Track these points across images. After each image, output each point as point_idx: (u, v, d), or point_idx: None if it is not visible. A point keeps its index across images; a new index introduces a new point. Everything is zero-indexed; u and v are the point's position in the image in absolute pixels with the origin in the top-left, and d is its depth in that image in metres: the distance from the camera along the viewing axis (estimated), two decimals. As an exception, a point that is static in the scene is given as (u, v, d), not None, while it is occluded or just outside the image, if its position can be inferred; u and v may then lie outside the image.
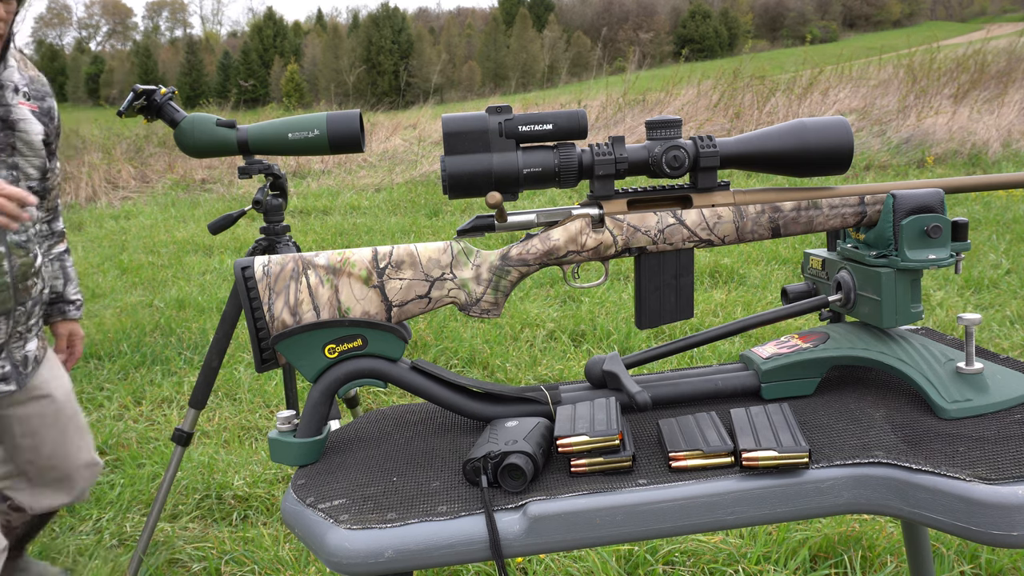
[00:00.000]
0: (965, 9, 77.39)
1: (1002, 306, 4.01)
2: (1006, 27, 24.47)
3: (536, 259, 1.11)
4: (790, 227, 1.15)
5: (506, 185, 1.07)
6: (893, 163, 8.36)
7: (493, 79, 42.01)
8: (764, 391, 1.16)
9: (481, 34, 67.50)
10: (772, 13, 76.60)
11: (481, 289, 1.11)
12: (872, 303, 1.14)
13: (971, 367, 1.09)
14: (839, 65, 11.68)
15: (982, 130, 8.78)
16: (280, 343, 1.07)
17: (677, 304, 1.15)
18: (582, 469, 0.98)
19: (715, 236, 1.13)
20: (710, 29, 65.53)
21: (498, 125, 1.06)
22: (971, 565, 2.06)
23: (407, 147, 11.51)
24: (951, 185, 1.17)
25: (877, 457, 0.96)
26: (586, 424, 1.00)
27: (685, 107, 10.53)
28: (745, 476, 0.95)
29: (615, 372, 1.14)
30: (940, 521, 0.90)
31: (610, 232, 1.11)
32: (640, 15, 72.85)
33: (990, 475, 0.90)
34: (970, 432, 1.01)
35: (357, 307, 1.09)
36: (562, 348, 3.81)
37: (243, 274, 1.07)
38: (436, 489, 0.99)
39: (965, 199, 6.28)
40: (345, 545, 0.91)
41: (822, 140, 1.11)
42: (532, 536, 0.92)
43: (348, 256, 1.10)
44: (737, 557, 2.13)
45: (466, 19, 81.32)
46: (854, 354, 1.15)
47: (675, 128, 1.10)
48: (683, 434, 1.02)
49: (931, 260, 1.10)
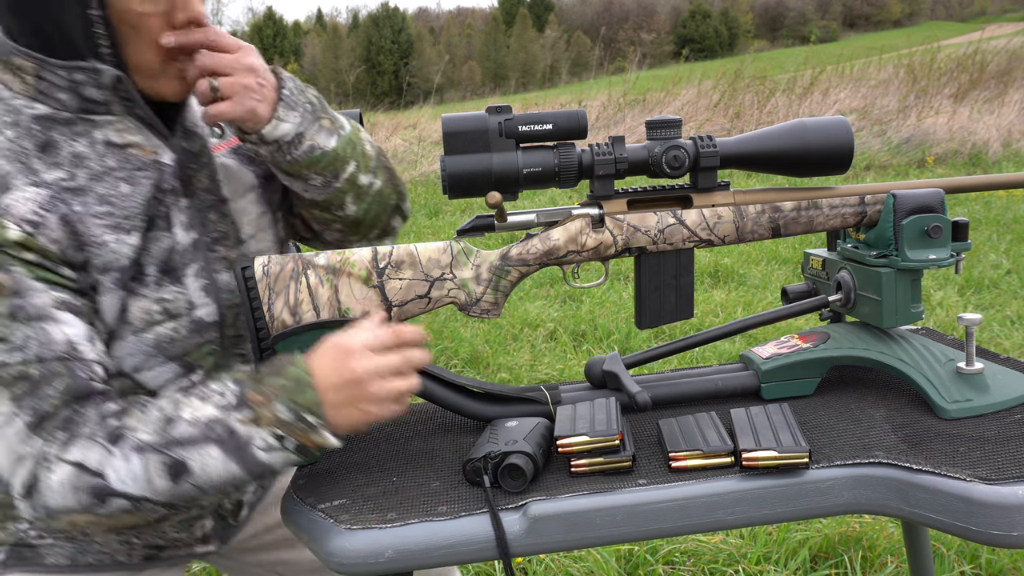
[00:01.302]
0: (965, 9, 77.43)
1: (1002, 306, 4.01)
2: (1006, 27, 24.48)
3: (536, 259, 1.11)
4: (790, 227, 1.15)
5: (506, 185, 1.07)
6: (893, 163, 8.36)
7: (493, 79, 42.07)
8: (764, 391, 1.16)
9: (481, 34, 67.56)
10: (772, 13, 76.65)
11: (481, 289, 1.11)
12: (872, 303, 1.14)
13: (971, 367, 1.09)
14: (839, 65, 11.67)
15: (982, 130, 8.78)
16: (280, 343, 1.06)
17: (677, 304, 1.15)
18: (582, 469, 0.98)
19: (715, 236, 1.13)
20: (710, 29, 65.57)
21: (498, 125, 1.06)
22: (971, 565, 2.06)
23: (407, 147, 11.50)
24: (951, 185, 1.17)
25: (877, 457, 0.96)
26: (586, 424, 1.00)
27: (685, 107, 10.53)
28: (745, 476, 0.95)
29: (615, 372, 1.14)
30: (940, 521, 0.90)
31: (610, 232, 1.11)
32: (640, 15, 72.89)
33: (990, 475, 0.90)
34: (970, 432, 1.01)
35: (357, 307, 1.09)
36: (562, 348, 3.80)
37: (243, 274, 1.07)
38: (436, 489, 0.99)
39: (965, 199, 6.28)
40: (345, 545, 0.91)
41: (822, 140, 1.11)
42: (532, 536, 0.92)
43: (348, 256, 1.09)
44: (737, 557, 2.13)
45: (466, 19, 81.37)
46: (854, 354, 1.15)
47: (675, 128, 1.10)
48: (683, 434, 1.02)
49: (931, 260, 1.10)
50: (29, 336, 0.93)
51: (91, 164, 1.00)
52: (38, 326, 0.93)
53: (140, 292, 1.03)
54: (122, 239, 1.01)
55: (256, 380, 0.97)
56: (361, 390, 0.96)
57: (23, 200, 0.94)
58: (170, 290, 1.05)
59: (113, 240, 1.00)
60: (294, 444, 0.94)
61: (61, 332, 0.95)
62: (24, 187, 0.95)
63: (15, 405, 0.92)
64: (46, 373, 0.93)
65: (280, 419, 0.94)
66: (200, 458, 0.93)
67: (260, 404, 0.94)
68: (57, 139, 0.99)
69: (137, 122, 1.03)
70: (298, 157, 1.08)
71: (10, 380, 0.92)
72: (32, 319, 0.93)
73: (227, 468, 0.94)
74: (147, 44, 1.00)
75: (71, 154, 1.00)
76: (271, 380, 0.96)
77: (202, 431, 0.93)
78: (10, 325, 0.92)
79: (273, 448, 0.94)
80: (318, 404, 0.95)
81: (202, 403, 0.95)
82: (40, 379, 0.93)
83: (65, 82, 0.98)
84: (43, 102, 0.99)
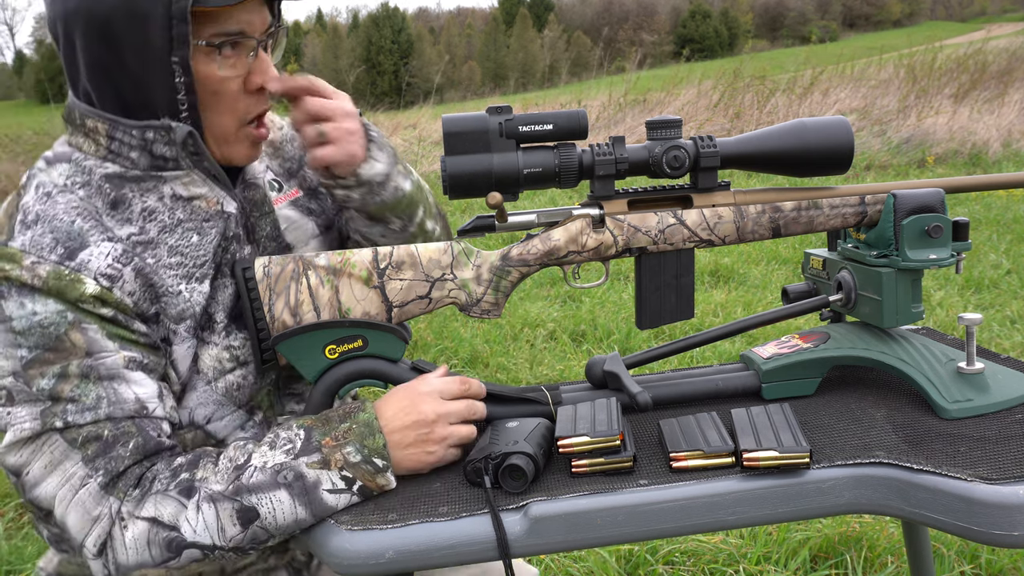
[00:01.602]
0: (965, 9, 77.42)
1: (1002, 306, 4.01)
2: (1006, 27, 24.47)
3: (537, 259, 1.11)
4: (791, 227, 1.15)
5: (506, 185, 1.07)
6: (893, 163, 8.36)
7: (493, 79, 42.06)
8: (765, 391, 1.16)
9: (481, 34, 67.53)
10: (772, 13, 76.63)
11: (482, 289, 1.11)
12: (873, 303, 1.14)
13: (972, 367, 1.09)
14: (839, 65, 11.67)
15: (982, 130, 8.78)
16: (281, 344, 1.06)
17: (678, 304, 1.15)
18: (583, 470, 0.98)
19: (716, 236, 1.13)
20: (710, 29, 65.54)
21: (498, 125, 1.06)
22: (971, 565, 2.06)
23: (407, 147, 11.50)
24: (951, 185, 1.17)
25: (878, 457, 0.96)
26: (587, 425, 1.00)
27: (685, 107, 10.52)
28: (746, 476, 0.95)
29: (616, 372, 1.14)
30: (941, 521, 0.90)
31: (611, 232, 1.11)
32: (640, 15, 72.88)
33: (991, 475, 0.90)
34: (971, 432, 1.01)
35: (357, 308, 1.09)
36: (562, 348, 3.80)
37: (243, 275, 1.07)
38: (437, 490, 0.99)
39: (965, 199, 6.28)
40: (346, 546, 0.91)
41: (823, 140, 1.11)
42: (533, 537, 0.92)
43: (348, 257, 1.09)
44: (737, 557, 2.13)
45: (466, 19, 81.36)
46: (855, 354, 1.15)
47: (675, 128, 1.10)
48: (684, 434, 1.02)
49: (932, 260, 1.10)
50: (100, 396, 0.96)
51: (161, 217, 1.03)
52: (109, 386, 0.96)
53: (211, 340, 1.06)
54: (194, 288, 1.04)
55: (325, 422, 1.00)
56: (429, 431, 1.00)
57: (99, 256, 0.97)
58: (237, 336, 1.08)
59: (186, 289, 1.03)
60: (359, 486, 0.96)
61: (131, 392, 0.97)
62: (100, 242, 0.98)
63: (88, 467, 0.95)
64: (117, 433, 0.96)
65: (349, 462, 0.96)
66: (269, 503, 0.95)
67: (331, 447, 0.97)
68: (128, 195, 1.02)
69: (203, 175, 1.05)
70: (386, 198, 1.14)
71: (82, 441, 0.95)
72: (103, 379, 0.96)
73: (294, 512, 0.95)
74: (226, 108, 1.04)
75: (142, 209, 1.02)
76: (342, 425, 0.99)
77: (271, 477, 0.95)
78: (82, 385, 0.95)
79: (339, 491, 0.96)
80: (386, 447, 0.98)
81: (271, 450, 0.97)
82: (111, 439, 0.95)
83: (137, 141, 1.01)
84: (114, 161, 1.02)
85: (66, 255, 0.95)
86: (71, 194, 1.00)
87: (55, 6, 0.99)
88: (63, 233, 0.97)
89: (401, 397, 1.02)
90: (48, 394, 0.94)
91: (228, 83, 1.02)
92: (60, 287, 0.94)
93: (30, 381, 0.94)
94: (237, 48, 1.02)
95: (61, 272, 0.94)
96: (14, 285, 0.94)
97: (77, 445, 0.95)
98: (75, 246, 0.96)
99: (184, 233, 1.04)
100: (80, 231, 0.97)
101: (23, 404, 0.94)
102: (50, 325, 0.94)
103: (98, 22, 0.95)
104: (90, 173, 1.01)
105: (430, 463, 1.01)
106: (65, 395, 0.94)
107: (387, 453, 0.98)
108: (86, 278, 0.95)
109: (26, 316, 0.93)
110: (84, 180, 1.01)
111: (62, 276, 0.94)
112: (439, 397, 1.03)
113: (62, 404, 0.94)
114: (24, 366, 0.94)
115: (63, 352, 0.94)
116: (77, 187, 1.01)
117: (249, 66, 1.04)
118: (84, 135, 1.02)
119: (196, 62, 0.99)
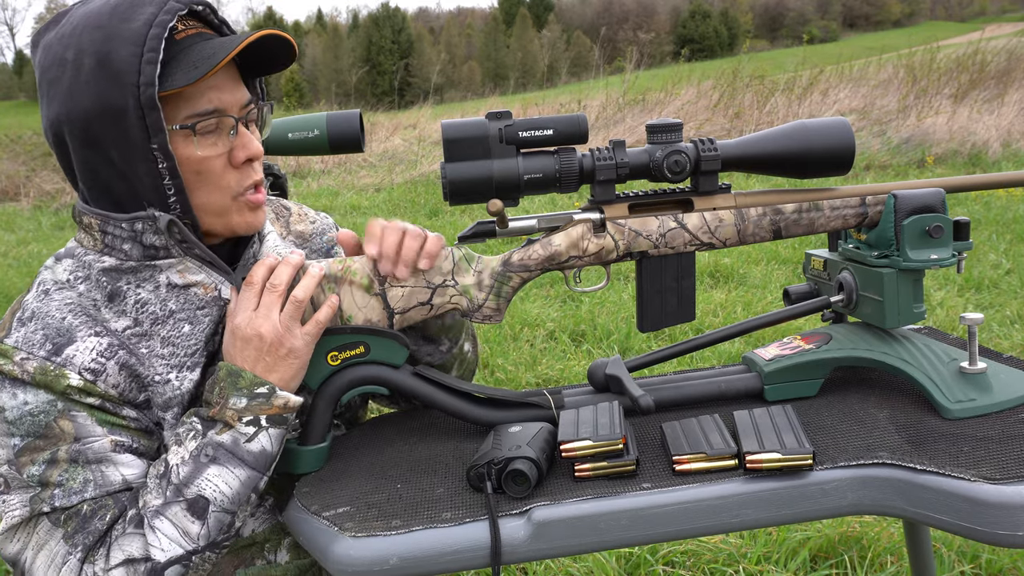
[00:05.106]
0: (965, 9, 77.39)
1: (1002, 306, 4.00)
2: (1006, 27, 24.48)
3: (538, 264, 1.11)
4: (791, 229, 1.15)
5: (507, 191, 1.07)
6: (893, 163, 8.36)
7: (493, 79, 42.02)
8: (767, 393, 1.16)
9: (481, 34, 67.51)
10: (772, 13, 76.60)
11: (483, 295, 1.11)
12: (874, 303, 1.14)
13: (975, 367, 1.09)
14: (839, 65, 11.67)
15: (982, 130, 8.78)
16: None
17: (678, 307, 1.15)
18: (586, 474, 0.98)
19: (716, 239, 1.13)
20: (710, 29, 65.51)
21: (498, 131, 1.06)
22: (971, 565, 2.06)
23: (407, 147, 11.50)
24: (952, 185, 1.17)
25: (881, 458, 0.96)
26: (590, 428, 1.00)
27: (685, 107, 10.52)
28: (749, 478, 0.95)
29: (618, 376, 1.14)
30: (945, 521, 0.90)
31: (612, 237, 1.11)
32: (640, 15, 72.87)
33: (995, 475, 0.90)
34: (974, 432, 1.01)
35: (359, 315, 1.09)
36: (562, 348, 3.80)
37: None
38: (440, 496, 0.99)
39: (965, 199, 6.27)
40: (350, 553, 0.91)
41: (824, 141, 1.10)
42: (537, 541, 0.92)
43: (349, 264, 1.09)
44: (737, 557, 2.13)
45: (466, 19, 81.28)
46: (857, 355, 1.15)
47: (676, 132, 1.10)
48: (687, 437, 1.02)
49: (933, 260, 1.10)
50: (88, 480, 1.00)
51: (153, 309, 1.05)
52: (97, 469, 1.00)
53: None
54: (184, 376, 1.06)
55: (203, 402, 1.03)
56: (278, 344, 1.02)
57: (84, 351, 1.00)
58: None
59: (176, 378, 1.05)
60: (265, 419, 1.01)
61: (118, 473, 1.01)
62: (86, 338, 1.01)
63: (68, 544, 0.99)
64: (95, 507, 1.00)
65: (241, 408, 1.00)
66: (209, 483, 0.98)
67: (219, 410, 1.00)
68: (123, 288, 1.05)
69: (197, 262, 1.06)
70: (447, 320, 1.18)
71: (64, 519, 0.99)
72: (91, 463, 1.00)
73: (235, 476, 0.99)
74: (213, 185, 1.05)
75: (135, 301, 1.05)
76: (214, 391, 1.01)
77: (194, 462, 0.99)
78: (70, 470, 0.99)
79: (255, 435, 1.00)
80: (257, 376, 1.01)
81: (180, 446, 1.01)
82: (90, 513, 1.00)
83: (127, 232, 1.03)
84: (110, 254, 1.05)
85: (53, 351, 0.99)
86: (69, 290, 1.04)
87: (46, 116, 1.03)
88: (53, 330, 1.00)
89: (236, 335, 1.03)
90: (38, 480, 0.98)
91: (210, 162, 1.03)
92: (46, 381, 0.97)
93: (21, 468, 0.98)
94: (215, 127, 1.03)
95: (47, 367, 0.98)
96: (7, 379, 0.98)
97: (60, 524, 0.99)
98: (63, 342, 0.99)
99: (175, 324, 1.06)
100: (69, 327, 1.01)
101: (16, 491, 0.99)
102: (40, 413, 0.98)
103: (80, 125, 0.99)
104: (90, 267, 1.05)
105: (305, 360, 1.05)
106: (53, 480, 0.98)
107: (261, 379, 1.01)
108: (70, 372, 0.98)
109: (18, 406, 0.98)
110: (85, 275, 1.05)
111: (47, 371, 0.98)
112: (249, 311, 1.03)
113: (50, 489, 0.99)
114: (16, 454, 0.98)
115: (52, 439, 0.98)
116: (79, 282, 1.04)
117: (231, 143, 1.05)
118: (84, 231, 1.06)
119: (175, 146, 1.01)
